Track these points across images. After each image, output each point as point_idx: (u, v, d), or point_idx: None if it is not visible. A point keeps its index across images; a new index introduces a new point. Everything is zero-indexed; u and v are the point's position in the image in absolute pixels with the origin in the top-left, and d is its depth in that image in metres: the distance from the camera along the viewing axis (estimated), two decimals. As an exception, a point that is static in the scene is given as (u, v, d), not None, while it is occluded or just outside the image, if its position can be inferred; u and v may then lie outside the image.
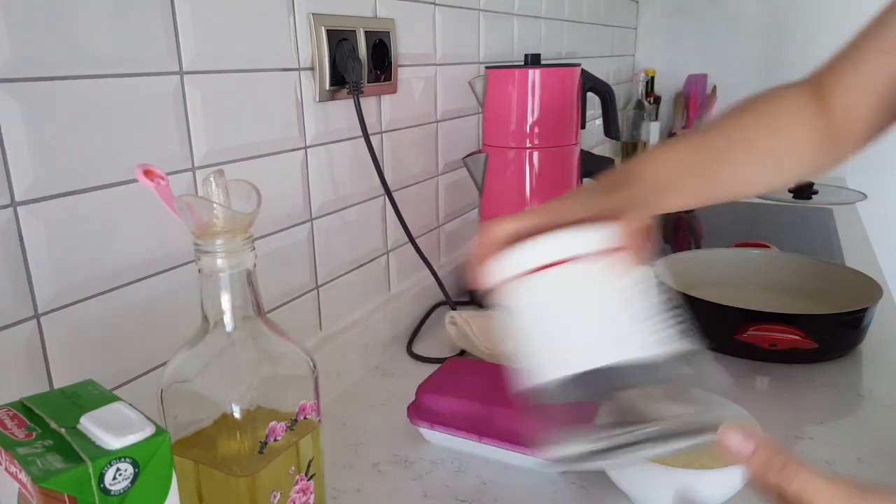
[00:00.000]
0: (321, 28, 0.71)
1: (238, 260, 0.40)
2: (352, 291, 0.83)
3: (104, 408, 0.34)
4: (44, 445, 0.32)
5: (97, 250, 0.50)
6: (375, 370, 0.83)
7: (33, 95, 0.45)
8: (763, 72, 1.99)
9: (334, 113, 0.75)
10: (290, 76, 0.68)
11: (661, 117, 2.09)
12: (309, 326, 0.76)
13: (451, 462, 0.64)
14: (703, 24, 2.04)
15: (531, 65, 0.93)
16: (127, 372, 0.54)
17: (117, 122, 0.51)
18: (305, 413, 0.45)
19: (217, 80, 0.59)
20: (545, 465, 0.61)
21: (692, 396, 0.46)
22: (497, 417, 0.62)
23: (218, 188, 0.40)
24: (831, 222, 1.44)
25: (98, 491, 0.31)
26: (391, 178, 0.88)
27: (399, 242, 0.92)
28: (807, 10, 1.91)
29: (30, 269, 0.46)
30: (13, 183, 0.45)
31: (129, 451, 0.32)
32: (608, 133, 1.00)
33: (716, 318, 0.82)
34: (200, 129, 0.58)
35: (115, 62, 0.50)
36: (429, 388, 0.66)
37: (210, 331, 0.42)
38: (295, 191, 0.71)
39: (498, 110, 0.95)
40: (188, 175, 0.58)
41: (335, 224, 0.78)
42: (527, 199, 0.95)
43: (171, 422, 0.42)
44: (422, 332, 0.93)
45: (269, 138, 0.67)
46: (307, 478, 0.46)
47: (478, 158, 0.98)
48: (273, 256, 0.69)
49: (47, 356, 0.48)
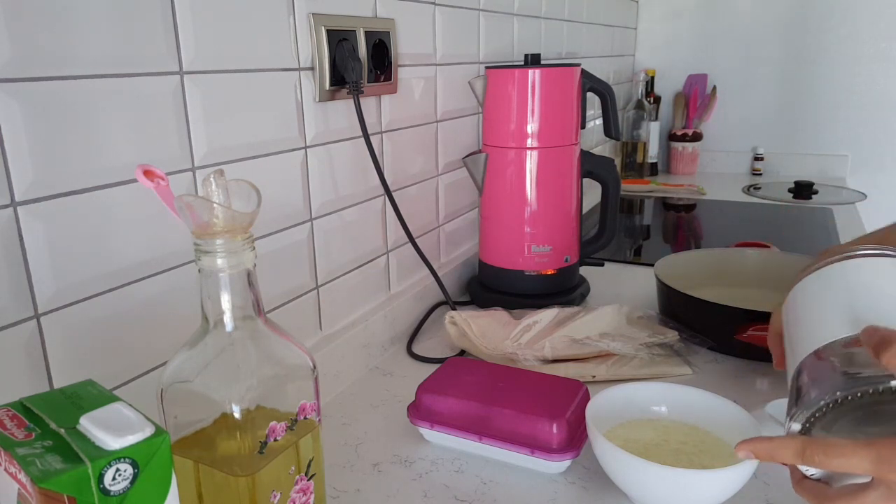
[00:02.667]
0: (321, 28, 0.71)
1: (238, 260, 0.40)
2: (352, 291, 0.83)
3: (104, 408, 0.34)
4: (43, 446, 0.32)
5: (97, 250, 0.50)
6: (375, 370, 0.83)
7: (33, 95, 0.45)
8: (763, 72, 1.99)
9: (334, 113, 0.75)
10: (290, 76, 0.68)
11: (661, 117, 2.09)
12: (309, 326, 0.76)
13: (451, 462, 0.64)
14: (703, 24, 2.04)
15: (531, 65, 0.93)
16: (127, 372, 0.54)
17: (117, 122, 0.51)
18: (305, 413, 0.45)
19: (217, 80, 0.59)
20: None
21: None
22: (497, 417, 0.62)
23: (218, 188, 0.40)
24: (831, 222, 1.44)
25: (98, 491, 0.31)
26: (391, 178, 0.88)
27: (399, 242, 0.92)
28: (807, 10, 1.91)
29: (30, 269, 0.46)
30: (13, 183, 0.45)
31: (128, 452, 0.32)
32: (608, 133, 1.00)
33: (716, 318, 0.82)
34: (200, 129, 0.58)
35: (115, 62, 0.50)
36: (429, 388, 0.66)
37: (210, 331, 0.42)
38: (295, 191, 0.71)
39: (498, 110, 0.95)
40: (188, 175, 0.58)
41: (335, 224, 0.78)
42: (527, 199, 0.95)
43: (171, 422, 0.42)
44: (422, 332, 0.93)
45: (269, 138, 0.67)
46: (307, 478, 0.45)
47: (478, 158, 0.98)
48: (273, 256, 0.69)
49: (47, 356, 0.48)
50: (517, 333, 0.84)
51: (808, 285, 0.54)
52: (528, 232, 0.96)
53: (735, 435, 0.58)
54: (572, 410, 0.61)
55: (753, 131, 2.05)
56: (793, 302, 0.56)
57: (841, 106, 1.93)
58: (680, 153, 2.05)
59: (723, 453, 0.57)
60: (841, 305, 0.49)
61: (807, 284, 0.55)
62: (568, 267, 0.99)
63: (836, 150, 1.97)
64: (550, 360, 0.80)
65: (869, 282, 0.50)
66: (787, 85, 1.98)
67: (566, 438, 0.60)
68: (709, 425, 0.61)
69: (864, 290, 0.49)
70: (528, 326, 0.85)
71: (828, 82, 1.93)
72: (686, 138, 2.03)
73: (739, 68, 2.02)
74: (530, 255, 0.97)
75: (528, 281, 0.98)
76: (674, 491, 0.53)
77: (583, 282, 1.04)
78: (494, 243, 1.00)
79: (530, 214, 0.95)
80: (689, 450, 0.58)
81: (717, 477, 0.52)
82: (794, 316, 0.54)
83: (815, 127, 1.98)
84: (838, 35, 1.89)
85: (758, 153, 2.03)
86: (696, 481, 0.52)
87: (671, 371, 0.79)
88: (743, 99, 2.03)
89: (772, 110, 2.02)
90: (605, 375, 0.78)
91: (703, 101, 2.03)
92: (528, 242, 0.96)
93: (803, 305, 0.54)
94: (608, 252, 1.17)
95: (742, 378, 0.78)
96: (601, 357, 0.82)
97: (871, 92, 1.90)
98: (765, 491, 0.58)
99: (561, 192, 0.96)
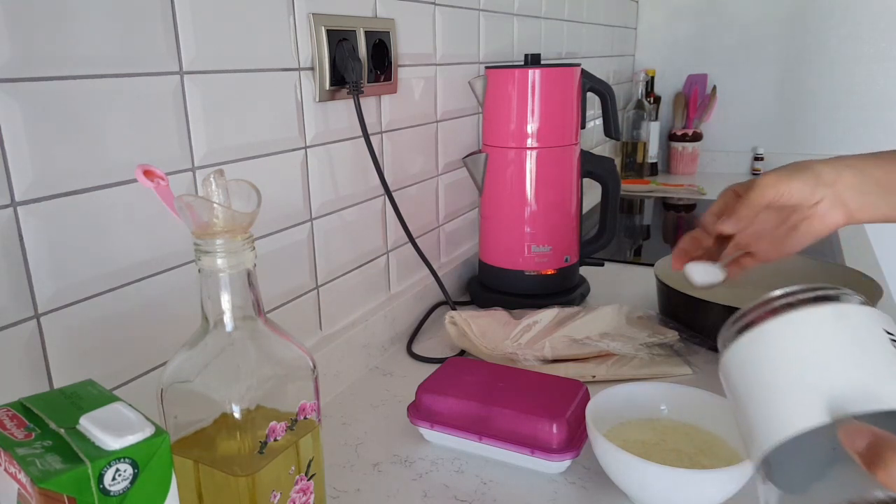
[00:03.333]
0: (321, 28, 0.71)
1: (238, 260, 0.40)
2: (352, 291, 0.83)
3: (103, 408, 0.34)
4: (43, 446, 0.32)
5: (97, 250, 0.50)
6: (375, 370, 0.83)
7: (33, 95, 0.45)
8: (763, 72, 1.99)
9: (334, 113, 0.75)
10: (290, 76, 0.68)
11: (661, 117, 2.09)
12: (309, 326, 0.76)
13: (451, 462, 0.64)
14: (703, 24, 2.04)
15: (531, 65, 0.93)
16: (127, 372, 0.54)
17: (117, 123, 0.51)
18: (305, 413, 0.45)
19: (217, 80, 0.59)
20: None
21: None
22: (497, 417, 0.62)
23: (218, 188, 0.40)
24: (831, 222, 1.43)
25: (97, 492, 0.31)
26: (391, 178, 0.88)
27: (399, 242, 0.92)
28: (807, 10, 1.91)
29: (30, 269, 0.46)
30: (13, 183, 0.45)
31: (128, 452, 0.32)
32: (608, 133, 1.00)
33: (716, 318, 0.82)
34: (200, 129, 0.58)
35: (115, 62, 0.50)
36: (429, 388, 0.66)
37: (210, 331, 0.42)
38: (295, 191, 0.71)
39: (498, 110, 0.95)
40: (188, 175, 0.58)
41: (335, 224, 0.78)
42: (527, 199, 0.95)
43: (171, 422, 0.42)
44: (422, 332, 0.93)
45: (269, 138, 0.67)
46: (307, 478, 0.45)
47: (478, 158, 0.98)
48: (273, 256, 0.69)
49: (47, 356, 0.48)
50: (517, 333, 0.84)
51: (744, 351, 0.42)
52: (528, 232, 0.96)
53: (735, 435, 0.58)
54: (572, 410, 0.61)
55: (753, 131, 2.05)
56: (735, 368, 0.43)
57: (841, 106, 1.93)
58: (680, 153, 2.05)
59: (723, 453, 0.57)
60: (790, 383, 0.38)
61: (743, 350, 0.43)
62: (568, 267, 0.99)
63: (836, 150, 1.96)
64: (550, 360, 0.80)
65: (814, 345, 0.39)
66: (787, 85, 1.98)
67: (566, 438, 0.60)
68: (709, 425, 0.61)
69: (812, 357, 0.39)
70: (528, 326, 0.85)
71: (828, 82, 1.93)
72: (686, 138, 2.03)
73: (739, 68, 2.02)
74: (530, 255, 0.97)
75: (528, 281, 0.98)
76: (673, 491, 0.53)
77: (583, 282, 1.04)
78: (494, 243, 1.00)
79: (530, 214, 0.95)
80: (689, 450, 0.58)
81: (716, 477, 0.52)
82: (741, 391, 0.42)
83: (815, 127, 1.98)
84: (838, 35, 1.89)
85: (758, 153, 2.03)
86: (696, 481, 0.52)
87: (671, 371, 0.79)
88: (743, 99, 2.03)
89: (772, 110, 2.02)
90: (605, 375, 0.78)
91: (703, 101, 2.03)
92: (528, 242, 0.96)
93: (746, 377, 0.42)
94: (608, 252, 1.17)
95: (742, 378, 0.78)
96: (601, 357, 0.82)
97: (871, 92, 1.90)
98: (765, 491, 0.58)
99: (561, 192, 0.96)
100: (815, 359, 0.38)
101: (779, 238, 0.66)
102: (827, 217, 0.62)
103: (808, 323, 0.39)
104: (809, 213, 0.63)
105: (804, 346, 0.39)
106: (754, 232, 0.66)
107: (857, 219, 0.62)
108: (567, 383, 0.66)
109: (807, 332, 0.39)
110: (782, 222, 0.65)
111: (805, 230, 0.64)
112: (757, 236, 0.66)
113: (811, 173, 0.61)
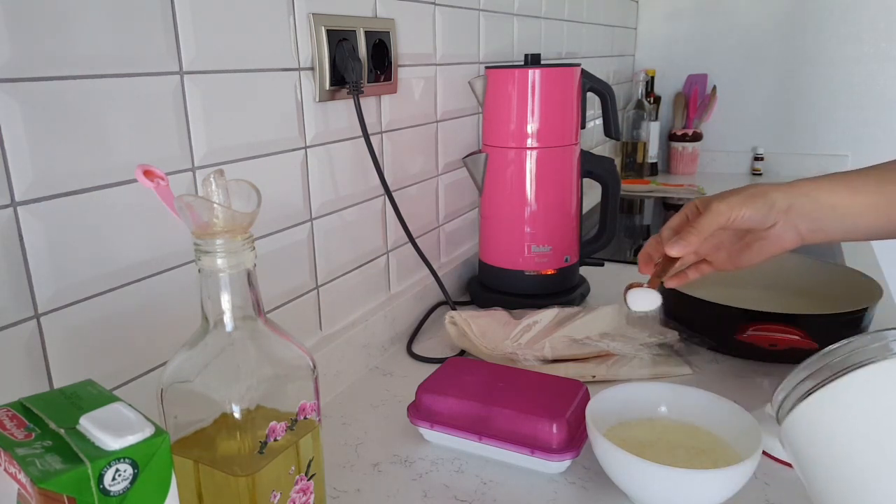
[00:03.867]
0: (321, 28, 0.71)
1: (238, 260, 0.40)
2: (352, 291, 0.83)
3: (103, 408, 0.34)
4: (43, 446, 0.32)
5: (97, 250, 0.50)
6: (375, 370, 0.83)
7: (33, 95, 0.45)
8: (763, 72, 1.99)
9: (334, 113, 0.75)
10: (290, 76, 0.68)
11: (661, 117, 2.09)
12: (309, 326, 0.76)
13: (451, 462, 0.64)
14: (703, 24, 2.04)
15: (531, 65, 0.93)
16: (127, 372, 0.54)
17: (117, 122, 0.51)
18: (305, 413, 0.45)
19: (217, 80, 0.59)
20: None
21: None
22: (497, 417, 0.62)
23: (218, 188, 0.40)
24: (831, 222, 1.43)
25: (97, 492, 0.31)
26: (391, 178, 0.88)
27: (399, 242, 0.92)
28: (807, 11, 1.91)
29: (30, 269, 0.46)
30: (13, 183, 0.45)
31: (128, 452, 0.32)
32: (608, 133, 1.00)
33: (716, 318, 0.82)
34: (200, 129, 0.58)
35: (115, 62, 0.50)
36: (429, 388, 0.66)
37: (210, 331, 0.42)
38: (295, 191, 0.71)
39: (498, 110, 0.95)
40: (188, 175, 0.58)
41: (335, 224, 0.78)
42: (527, 199, 0.95)
43: (171, 422, 0.42)
44: (422, 332, 0.93)
45: (269, 138, 0.67)
46: (307, 478, 0.45)
47: (478, 158, 0.98)
48: (273, 256, 0.69)
49: (47, 356, 0.48)
50: (517, 333, 0.84)
51: (816, 412, 0.39)
52: (528, 232, 0.96)
53: (735, 435, 0.58)
54: (572, 410, 0.61)
55: (753, 131, 2.05)
56: (806, 435, 0.40)
57: (841, 106, 1.93)
58: (680, 153, 2.05)
59: (722, 453, 0.57)
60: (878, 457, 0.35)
61: (814, 410, 0.39)
62: (568, 267, 0.99)
63: (835, 150, 1.96)
64: (550, 360, 0.80)
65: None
66: (787, 85, 1.98)
67: (566, 438, 0.60)
68: (709, 425, 0.61)
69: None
70: (528, 326, 0.85)
71: (828, 82, 1.93)
72: (686, 138, 2.03)
73: (739, 68, 2.02)
74: (530, 255, 0.97)
75: (528, 281, 0.98)
76: (673, 491, 0.53)
77: (583, 282, 1.04)
78: (494, 243, 1.00)
79: (530, 214, 0.95)
80: (689, 450, 0.58)
81: (716, 477, 0.52)
82: (814, 458, 0.39)
83: (814, 127, 1.98)
84: (838, 35, 1.89)
85: (758, 153, 2.03)
86: (696, 481, 0.52)
87: (671, 371, 0.79)
88: (743, 99, 2.03)
89: (772, 110, 2.02)
90: (605, 375, 0.78)
91: (703, 101, 2.03)
92: (528, 242, 0.96)
93: (821, 442, 0.38)
94: (608, 252, 1.17)
95: (742, 378, 0.78)
96: (601, 357, 0.82)
97: (871, 92, 1.90)
98: (765, 491, 0.58)
99: (561, 192, 0.96)
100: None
101: (735, 253, 0.68)
102: (781, 239, 0.64)
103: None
104: (764, 234, 0.65)
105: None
106: (711, 244, 0.68)
107: (811, 240, 0.64)
108: (567, 383, 0.66)
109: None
110: (739, 239, 0.68)
111: (759, 250, 0.66)
112: (715, 248, 0.69)
113: (764, 201, 0.62)
